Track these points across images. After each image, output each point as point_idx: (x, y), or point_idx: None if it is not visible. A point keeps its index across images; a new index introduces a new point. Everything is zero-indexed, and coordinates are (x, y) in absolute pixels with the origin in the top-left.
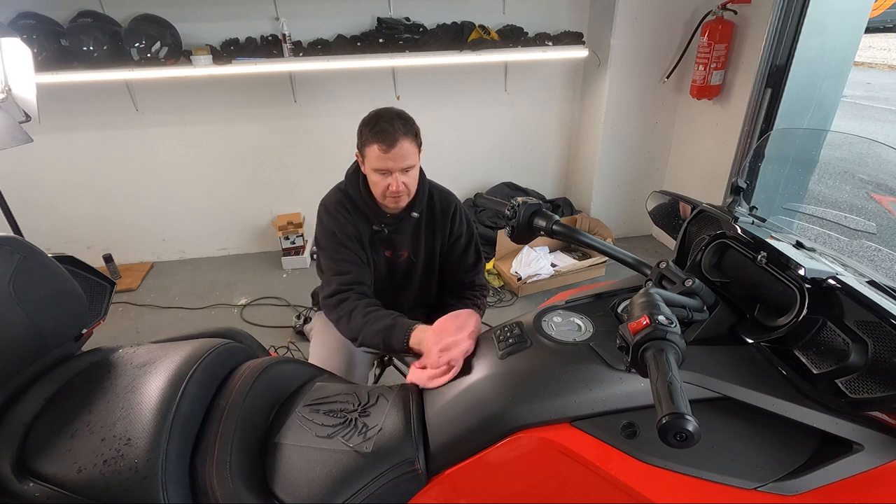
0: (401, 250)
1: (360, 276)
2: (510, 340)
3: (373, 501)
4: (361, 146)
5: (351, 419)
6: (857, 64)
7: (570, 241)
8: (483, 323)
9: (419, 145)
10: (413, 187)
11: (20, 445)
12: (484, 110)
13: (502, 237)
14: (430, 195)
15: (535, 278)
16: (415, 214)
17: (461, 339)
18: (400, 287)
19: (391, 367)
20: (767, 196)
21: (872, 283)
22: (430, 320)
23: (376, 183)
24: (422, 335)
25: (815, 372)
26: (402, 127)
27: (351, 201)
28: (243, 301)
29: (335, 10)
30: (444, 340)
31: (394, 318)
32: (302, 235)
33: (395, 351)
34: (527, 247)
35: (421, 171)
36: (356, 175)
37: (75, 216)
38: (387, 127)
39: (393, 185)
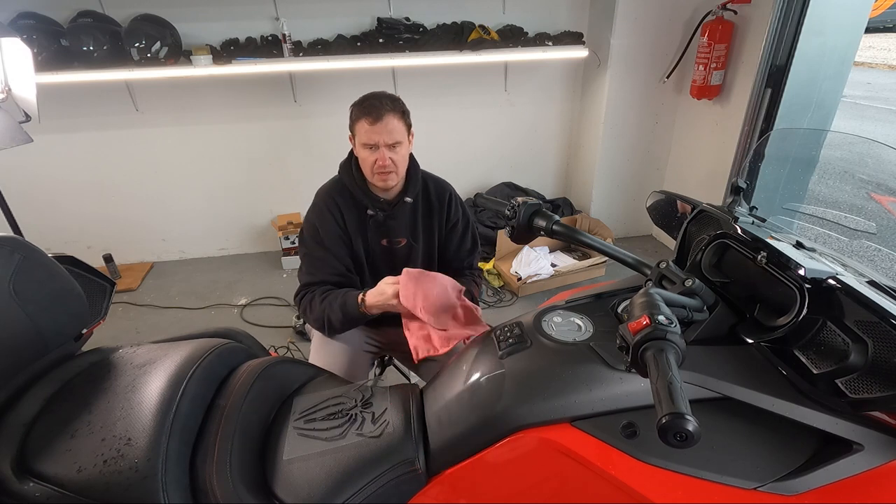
0: (398, 237)
1: (327, 278)
2: (510, 340)
3: (373, 501)
4: (352, 125)
5: (353, 414)
6: (857, 64)
7: (570, 241)
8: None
9: (408, 126)
10: (402, 166)
11: (20, 445)
12: (484, 110)
13: (502, 237)
14: (424, 184)
15: (535, 278)
16: (408, 199)
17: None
18: None
19: (391, 367)
20: (767, 196)
21: (872, 283)
22: None
23: (365, 159)
24: (381, 286)
25: (815, 372)
26: (389, 104)
27: (344, 188)
28: (243, 301)
29: (335, 10)
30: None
31: (345, 292)
32: None
33: (357, 319)
34: (527, 247)
35: (413, 158)
36: (349, 161)
37: (75, 216)
38: (374, 103)
39: (380, 160)
